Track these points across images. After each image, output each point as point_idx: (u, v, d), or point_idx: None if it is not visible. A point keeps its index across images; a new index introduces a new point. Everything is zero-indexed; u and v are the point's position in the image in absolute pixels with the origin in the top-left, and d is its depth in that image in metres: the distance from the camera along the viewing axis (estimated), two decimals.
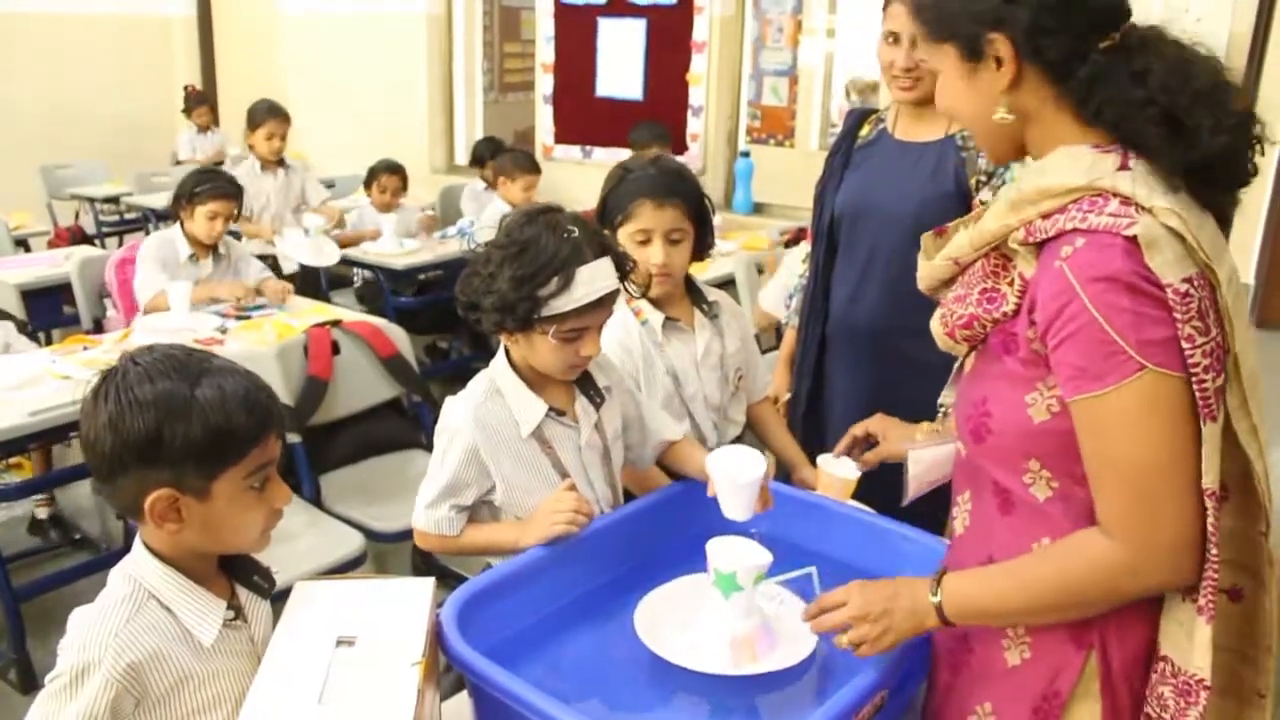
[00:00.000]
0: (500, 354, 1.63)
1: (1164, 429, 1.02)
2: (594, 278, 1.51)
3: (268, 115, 5.02)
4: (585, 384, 1.67)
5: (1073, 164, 1.08)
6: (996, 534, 1.21)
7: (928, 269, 1.27)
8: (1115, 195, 1.04)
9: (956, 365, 1.30)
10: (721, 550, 1.38)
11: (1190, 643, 1.07)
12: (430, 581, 1.30)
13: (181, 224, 3.59)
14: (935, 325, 1.24)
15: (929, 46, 1.18)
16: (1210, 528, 1.03)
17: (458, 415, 1.59)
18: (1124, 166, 1.06)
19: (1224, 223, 1.10)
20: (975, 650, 1.25)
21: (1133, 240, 1.00)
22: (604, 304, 1.55)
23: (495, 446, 1.57)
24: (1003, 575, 1.17)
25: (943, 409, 1.36)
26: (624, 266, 1.61)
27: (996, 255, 1.16)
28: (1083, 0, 1.09)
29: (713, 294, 2.06)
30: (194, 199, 3.52)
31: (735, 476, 1.51)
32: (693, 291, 2.02)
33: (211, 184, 3.54)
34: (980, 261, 1.18)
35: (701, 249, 1.96)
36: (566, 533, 1.49)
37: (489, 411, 1.58)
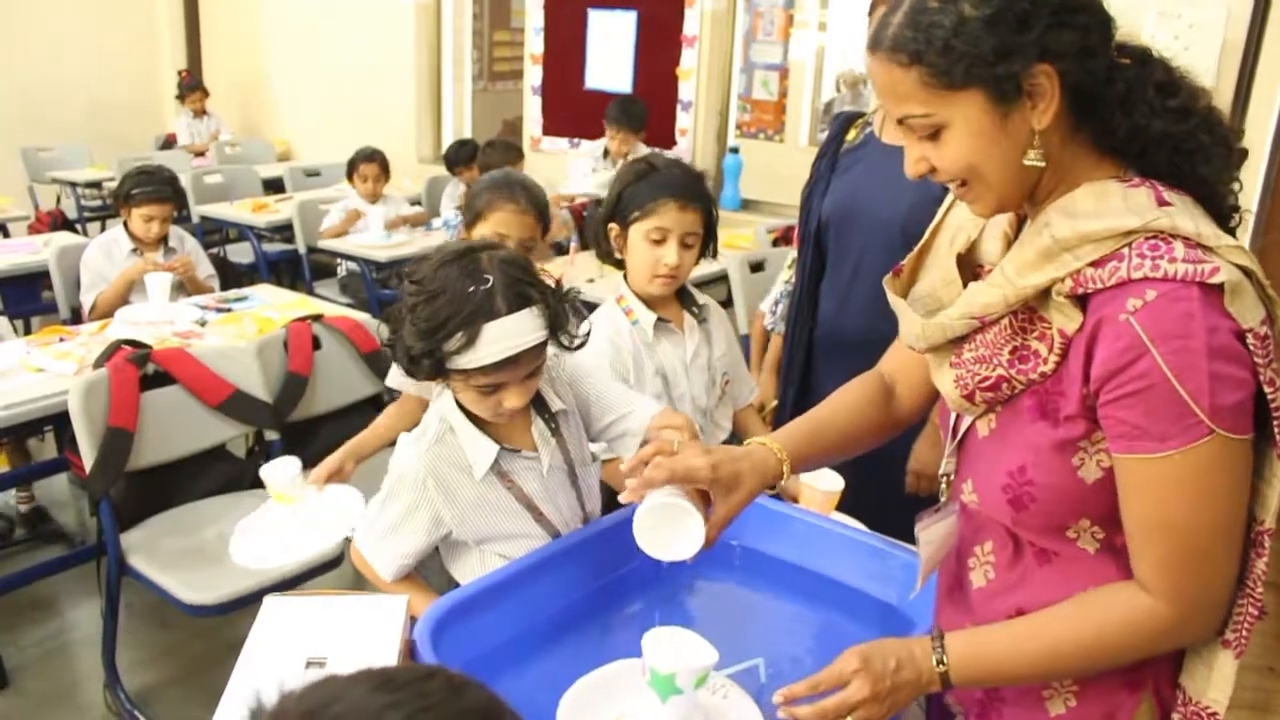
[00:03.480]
0: (448, 391, 1.53)
1: (1226, 493, 0.97)
2: (503, 336, 1.37)
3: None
4: (540, 408, 1.58)
5: (1102, 202, 0.98)
6: (1030, 583, 1.13)
7: (933, 328, 1.12)
8: (1176, 236, 0.94)
9: (957, 427, 1.18)
10: (660, 645, 1.18)
11: (1209, 673, 1.04)
12: (404, 599, 1.27)
13: (125, 221, 3.59)
14: (948, 387, 1.12)
15: (937, 97, 0.98)
16: (1264, 566, 1.00)
17: (408, 461, 1.50)
18: (1163, 202, 0.97)
19: None
20: (1008, 700, 1.17)
21: (1215, 288, 0.92)
22: (519, 361, 1.40)
23: (450, 491, 1.49)
24: (1022, 636, 1.08)
25: (945, 478, 1.22)
26: (555, 314, 1.45)
27: (1024, 309, 1.04)
28: (1106, 12, 0.98)
29: (701, 297, 2.05)
30: (130, 200, 3.50)
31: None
32: (682, 294, 2.01)
33: (146, 188, 3.51)
34: (1008, 318, 1.06)
35: (702, 255, 1.97)
36: None
37: (441, 455, 1.49)
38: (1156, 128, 0.98)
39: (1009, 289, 1.02)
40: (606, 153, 5.10)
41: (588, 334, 1.57)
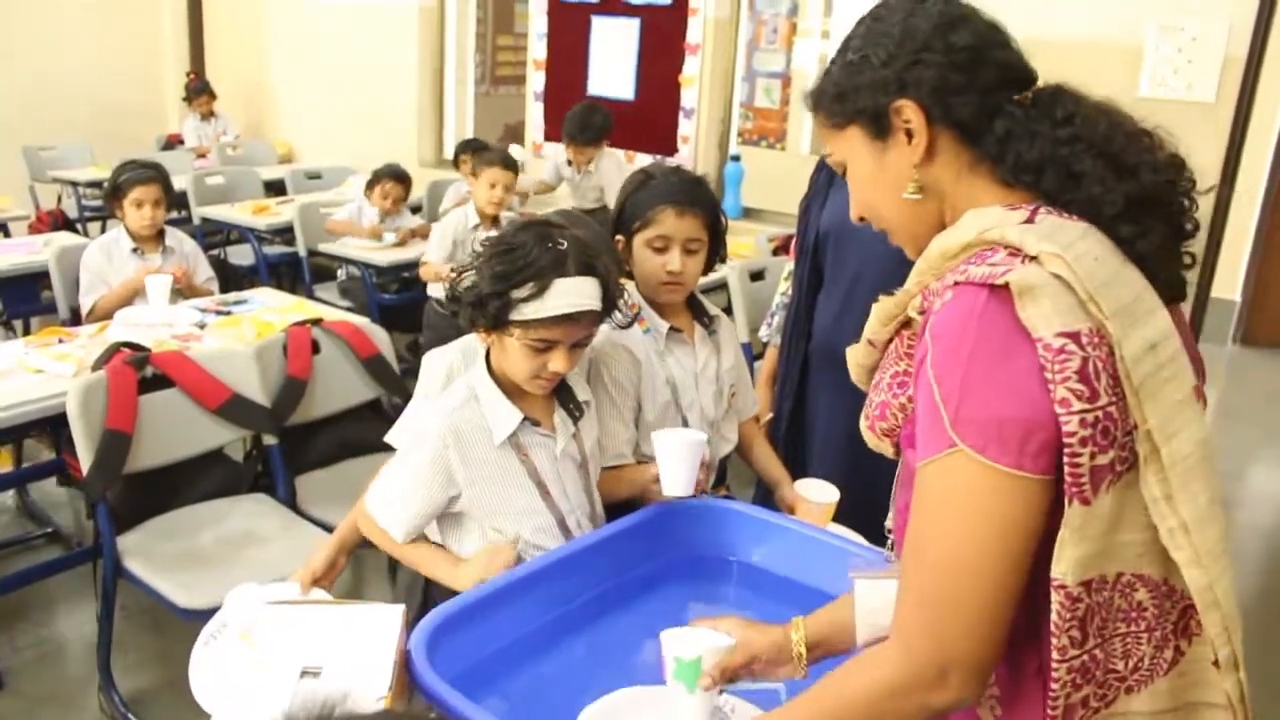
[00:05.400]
0: (481, 361, 1.65)
1: (970, 523, 0.86)
2: (570, 292, 1.52)
3: None
4: (564, 396, 1.69)
5: (974, 222, 0.97)
6: None
7: (851, 356, 1.13)
8: (1003, 246, 0.92)
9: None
10: (679, 638, 1.21)
11: None
12: (400, 609, 1.27)
13: (122, 221, 3.57)
14: (862, 421, 1.09)
15: (835, 138, 1.08)
16: (1054, 626, 0.87)
17: (428, 420, 1.61)
18: (1030, 220, 0.94)
19: (1175, 288, 0.98)
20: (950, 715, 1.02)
21: (1004, 289, 0.86)
22: (577, 321, 1.55)
23: (467, 452, 1.58)
24: (807, 705, 1.00)
25: (889, 534, 1.15)
26: (611, 293, 1.61)
27: (911, 333, 1.01)
28: (989, 55, 1.01)
29: (712, 309, 2.05)
30: (118, 193, 3.48)
31: (676, 440, 1.59)
32: (693, 305, 2.01)
33: (131, 173, 3.49)
34: (895, 341, 1.05)
35: (712, 262, 1.96)
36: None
37: (464, 418, 1.59)
38: (1032, 156, 0.97)
39: (879, 306, 1.05)
40: (570, 160, 5.15)
41: (635, 317, 1.77)
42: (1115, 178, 0.95)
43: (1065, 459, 0.85)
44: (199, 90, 7.31)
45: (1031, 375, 0.85)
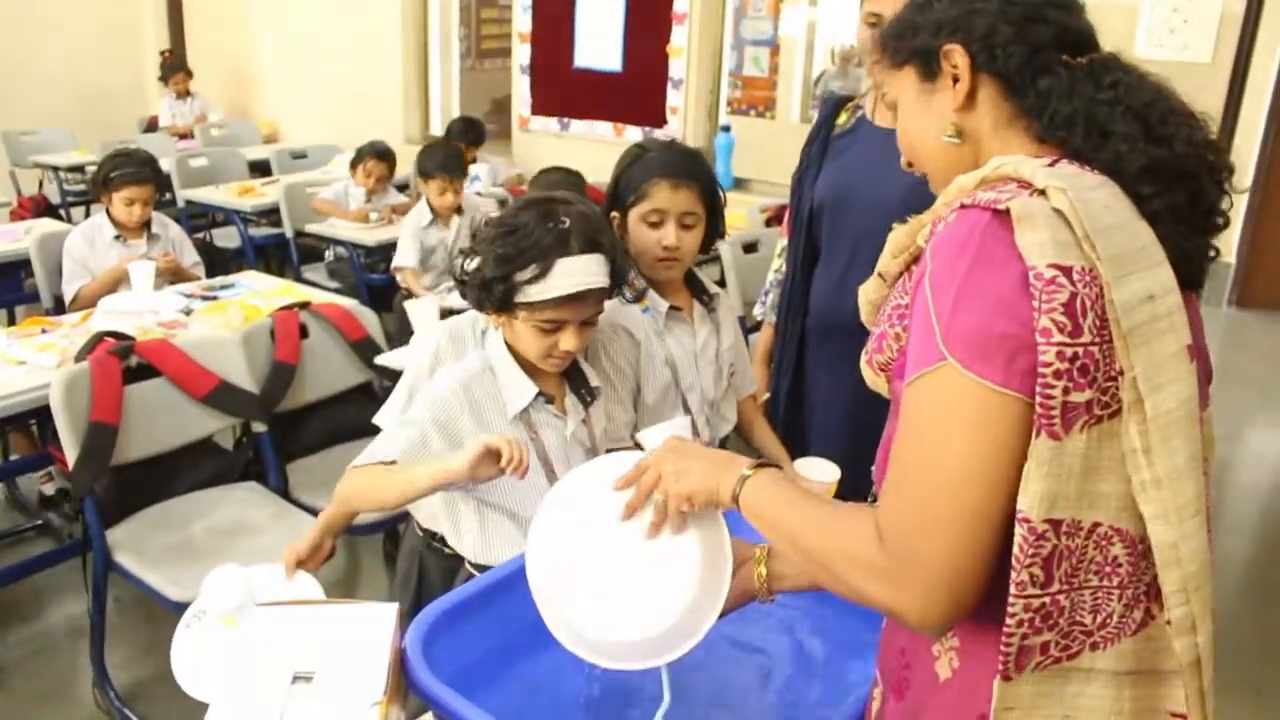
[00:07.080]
0: (498, 334, 1.64)
1: (954, 437, 0.87)
2: (574, 272, 1.50)
3: None
4: (576, 381, 1.68)
5: (996, 160, 0.98)
6: (889, 628, 1.06)
7: (862, 293, 1.13)
8: (1014, 179, 0.93)
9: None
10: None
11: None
12: (393, 607, 1.24)
13: (106, 208, 3.52)
14: (862, 359, 1.07)
15: (892, 77, 1.12)
16: (1014, 560, 0.86)
17: (442, 379, 1.60)
18: (1050, 166, 0.94)
19: (1191, 265, 0.97)
20: (912, 667, 1.06)
21: (1004, 214, 0.87)
22: (583, 300, 1.53)
23: (482, 415, 1.57)
24: (798, 505, 1.03)
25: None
26: (618, 269, 1.58)
27: (919, 267, 1.00)
28: (1045, 14, 1.02)
29: (712, 287, 2.01)
30: (109, 185, 3.44)
31: (661, 436, 1.47)
32: (692, 283, 1.98)
33: (124, 170, 3.44)
34: (903, 276, 1.05)
35: (711, 238, 1.92)
36: (497, 456, 1.41)
37: (479, 387, 1.59)
38: (1065, 110, 0.99)
39: (891, 238, 1.06)
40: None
41: (642, 292, 1.77)
42: (1145, 141, 0.96)
43: (1038, 388, 0.84)
44: (174, 68, 7.20)
45: (1024, 298, 0.85)
